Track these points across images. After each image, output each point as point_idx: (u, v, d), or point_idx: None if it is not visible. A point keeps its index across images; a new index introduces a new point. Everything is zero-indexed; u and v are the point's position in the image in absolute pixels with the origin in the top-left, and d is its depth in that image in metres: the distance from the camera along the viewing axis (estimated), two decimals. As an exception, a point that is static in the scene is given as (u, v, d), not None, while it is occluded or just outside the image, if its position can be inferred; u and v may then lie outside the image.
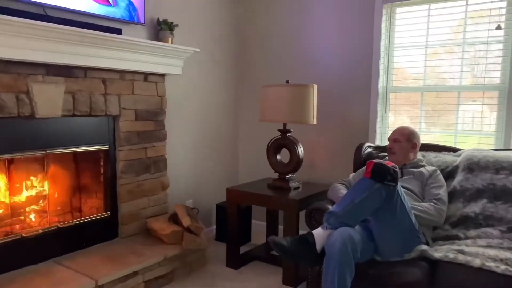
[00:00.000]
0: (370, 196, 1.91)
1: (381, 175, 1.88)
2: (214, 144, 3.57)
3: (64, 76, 2.35)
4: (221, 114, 3.63)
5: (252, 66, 3.73)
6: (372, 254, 2.05)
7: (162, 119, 2.95)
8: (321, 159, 3.39)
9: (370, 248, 2.03)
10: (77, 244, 2.53)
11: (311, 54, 3.39)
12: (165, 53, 2.77)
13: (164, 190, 3.01)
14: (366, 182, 1.94)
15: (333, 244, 1.88)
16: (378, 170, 1.89)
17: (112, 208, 2.73)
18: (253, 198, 2.84)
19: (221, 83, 3.60)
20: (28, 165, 2.42)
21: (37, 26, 2.04)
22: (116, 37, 2.42)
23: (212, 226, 3.56)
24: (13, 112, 2.13)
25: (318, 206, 2.40)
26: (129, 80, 2.71)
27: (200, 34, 3.33)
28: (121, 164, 2.71)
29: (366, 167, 1.98)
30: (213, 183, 3.57)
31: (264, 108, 2.91)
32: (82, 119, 2.51)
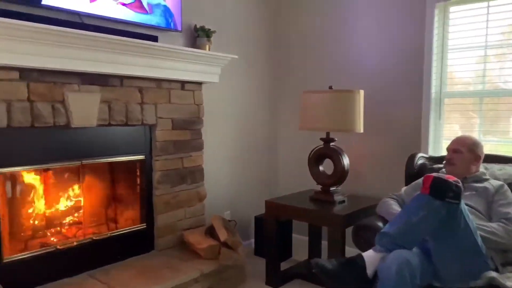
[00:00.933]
0: (428, 215, 1.70)
1: (442, 191, 1.66)
2: (252, 153, 3.44)
3: (100, 85, 2.31)
4: (260, 123, 3.51)
5: (292, 71, 3.58)
6: (431, 279, 1.82)
7: (199, 128, 2.86)
8: (369, 171, 3.16)
9: (428, 272, 1.80)
10: (112, 257, 2.46)
11: (356, 58, 3.18)
12: (203, 61, 2.68)
13: (201, 202, 2.90)
14: (424, 199, 1.72)
15: (388, 269, 1.68)
16: (438, 186, 1.67)
17: (148, 220, 2.65)
18: (293, 212, 2.67)
19: (259, 90, 3.48)
20: (64, 175, 2.39)
21: (73, 35, 2.01)
22: (153, 44, 2.36)
23: (250, 239, 3.41)
24: (48, 122, 2.10)
25: (366, 223, 2.20)
26: (165, 89, 2.64)
27: (237, 39, 3.23)
28: (157, 175, 2.63)
29: (423, 182, 1.77)
30: (251, 194, 3.43)
31: (305, 115, 2.74)
32: (118, 129, 2.46)
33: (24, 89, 2.01)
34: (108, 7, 2.27)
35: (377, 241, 1.84)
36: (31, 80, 2.03)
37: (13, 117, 1.97)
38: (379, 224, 2.17)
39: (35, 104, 2.05)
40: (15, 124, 1.98)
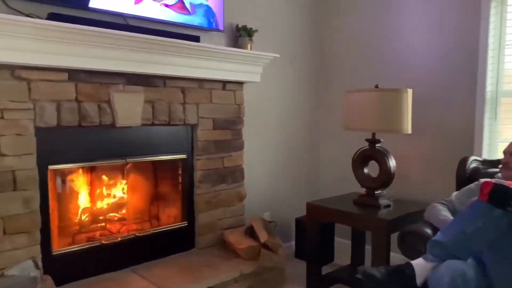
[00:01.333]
0: (487, 224, 1.59)
1: (503, 199, 1.53)
2: (293, 154, 3.39)
3: (144, 86, 2.36)
4: (301, 122, 3.44)
5: (335, 70, 3.48)
6: (486, 293, 1.69)
7: (239, 128, 2.85)
8: (416, 174, 3.01)
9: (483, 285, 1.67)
10: (154, 253, 2.51)
11: (403, 55, 3.04)
12: (244, 60, 2.67)
13: (241, 202, 2.90)
14: (482, 207, 1.61)
15: (441, 280, 1.58)
16: (498, 193, 1.54)
17: (189, 218, 2.68)
18: (336, 215, 2.59)
19: (301, 89, 3.42)
20: (109, 173, 2.47)
21: (118, 36, 2.06)
22: (195, 45, 2.37)
23: (291, 241, 3.35)
24: (95, 121, 2.17)
25: (413, 229, 2.09)
26: (207, 89, 2.65)
27: (279, 38, 3.19)
28: (199, 174, 2.65)
29: (480, 188, 1.64)
30: (292, 195, 3.37)
31: (349, 115, 2.65)
32: (161, 128, 2.50)
33: (73, 89, 2.09)
34: (152, 9, 2.31)
35: (428, 250, 1.74)
36: (79, 81, 2.11)
37: (62, 116, 2.06)
38: (427, 231, 2.05)
39: (83, 104, 2.13)
40: (64, 124, 2.06)
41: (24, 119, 1.94)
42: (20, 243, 1.94)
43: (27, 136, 1.95)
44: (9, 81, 1.89)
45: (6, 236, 1.90)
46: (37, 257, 1.90)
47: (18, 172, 1.93)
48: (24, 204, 1.95)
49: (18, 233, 1.93)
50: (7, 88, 1.89)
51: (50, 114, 2.02)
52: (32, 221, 1.97)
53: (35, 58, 1.88)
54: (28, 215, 1.96)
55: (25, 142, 1.94)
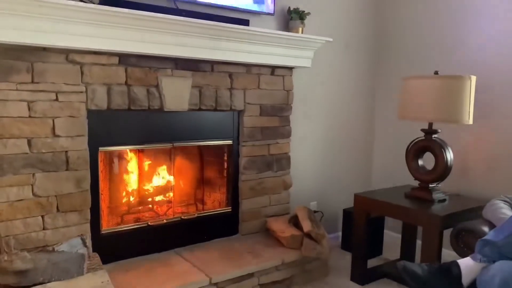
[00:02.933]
0: None
1: None
2: (344, 142, 3.27)
3: (192, 70, 2.35)
4: (354, 110, 3.31)
5: (392, 55, 3.29)
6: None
7: (287, 115, 2.78)
8: (477, 168, 2.78)
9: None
10: (198, 236, 2.54)
11: (466, 39, 2.80)
12: (295, 44, 2.58)
13: (286, 190, 2.85)
14: None
15: (491, 281, 1.48)
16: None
17: (234, 204, 2.68)
18: (385, 208, 2.47)
19: (354, 75, 3.27)
20: (156, 156, 2.52)
21: (168, 20, 2.05)
22: (244, 28, 2.32)
23: (337, 232, 3.27)
24: (143, 105, 2.21)
25: (469, 226, 1.94)
26: (255, 74, 2.61)
27: (332, 21, 3.05)
28: (244, 160, 2.63)
29: None
30: (341, 185, 3.27)
31: (406, 103, 2.49)
32: (208, 113, 2.50)
33: (123, 73, 2.13)
34: (201, -8, 2.29)
35: (478, 249, 1.63)
36: (128, 65, 2.15)
37: (112, 99, 2.11)
38: (484, 229, 1.90)
39: (132, 88, 2.16)
40: (114, 107, 2.12)
41: (77, 101, 2.01)
42: (72, 220, 2.03)
43: (80, 118, 2.02)
44: (63, 65, 1.96)
45: (59, 213, 2.00)
46: (86, 235, 1.98)
47: (71, 153, 2.01)
48: (76, 184, 2.03)
49: (70, 211, 2.03)
50: (62, 71, 1.96)
51: (101, 97, 2.07)
52: (83, 200, 2.06)
53: (88, 42, 1.92)
54: (80, 194, 2.05)
55: (77, 124, 2.02)
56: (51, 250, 1.72)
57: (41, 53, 1.90)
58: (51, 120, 1.95)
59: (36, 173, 1.93)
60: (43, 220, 1.96)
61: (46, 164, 1.95)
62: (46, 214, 1.97)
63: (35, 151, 1.92)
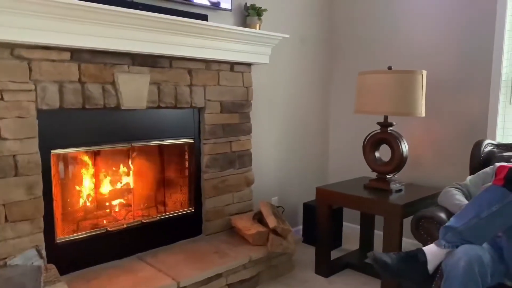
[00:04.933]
0: (503, 209, 1.55)
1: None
2: (302, 138, 3.31)
3: (150, 66, 2.25)
4: (310, 105, 3.36)
5: (345, 51, 3.38)
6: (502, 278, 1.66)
7: (247, 111, 2.76)
8: (429, 158, 2.94)
9: (500, 270, 1.65)
10: (161, 240, 2.44)
11: (416, 35, 2.94)
12: (253, 40, 2.56)
13: (248, 186, 2.83)
14: (497, 192, 1.57)
15: (456, 265, 1.55)
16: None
17: (196, 204, 2.61)
18: (347, 200, 2.53)
19: (311, 71, 3.32)
20: (114, 157, 2.38)
21: (123, 14, 1.95)
22: (203, 23, 2.27)
23: (298, 226, 3.31)
24: (99, 104, 2.08)
25: (428, 213, 2.03)
26: (215, 70, 2.56)
27: (289, 18, 3.08)
28: (206, 158, 2.57)
29: (496, 173, 1.61)
30: (300, 180, 3.31)
31: (361, 98, 2.56)
32: (167, 111, 2.41)
33: (76, 70, 1.99)
34: (158, -15, 2.20)
35: (441, 236, 1.71)
36: (82, 61, 2.01)
37: (65, 98, 1.96)
38: (441, 216, 2.00)
39: (86, 85, 2.03)
40: (67, 106, 1.97)
41: (25, 100, 1.84)
42: (23, 231, 1.86)
43: (29, 118, 1.85)
44: (8, 60, 1.79)
45: (8, 223, 1.82)
46: (40, 245, 1.83)
47: (20, 157, 1.84)
48: (27, 190, 1.86)
49: (21, 220, 1.85)
50: (7, 67, 1.78)
51: (52, 96, 1.92)
52: (35, 208, 1.89)
53: (36, 36, 1.76)
54: (31, 202, 1.88)
55: (26, 125, 1.85)
56: (3, 264, 1.56)
57: (-18, 48, 1.72)
58: (-4, 121, 1.77)
59: (-20, 181, 1.74)
60: (-10, 232, 1.78)
61: (-8, 170, 1.77)
62: (-7, 225, 1.78)
63: (-21, 156, 1.74)
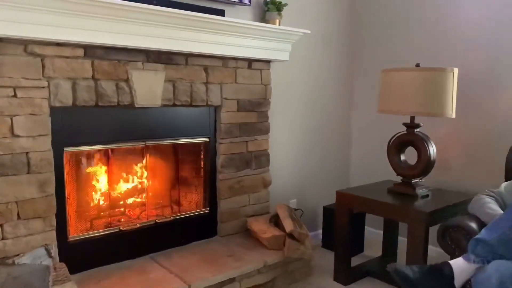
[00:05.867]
0: None
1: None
2: (323, 138, 3.19)
3: (165, 63, 2.21)
4: (332, 104, 3.23)
5: (370, 47, 3.24)
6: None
7: (265, 110, 2.68)
8: (459, 162, 2.76)
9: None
10: (174, 240, 2.40)
11: (448, 31, 2.77)
12: (272, 37, 2.48)
13: (265, 188, 2.74)
14: None
15: (487, 281, 1.43)
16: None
17: (211, 205, 2.55)
18: (369, 205, 2.40)
19: (331, 68, 3.19)
20: (128, 156, 2.35)
21: (138, 9, 1.90)
22: (220, 19, 2.20)
23: (317, 230, 3.19)
24: (113, 101, 2.04)
25: (456, 222, 1.89)
26: (232, 68, 2.48)
27: (309, 13, 2.96)
28: (222, 158, 2.51)
29: None
30: (320, 182, 3.20)
31: (386, 97, 2.43)
32: (182, 110, 2.36)
33: (89, 67, 1.96)
34: (173, -20, 2.14)
35: (471, 249, 1.57)
36: (95, 58, 1.98)
37: (78, 95, 1.93)
38: (472, 225, 1.85)
39: (100, 82, 2.00)
40: (80, 103, 1.94)
41: (38, 97, 1.82)
42: (35, 228, 1.85)
43: (42, 116, 1.84)
44: (21, 57, 1.77)
45: (21, 221, 1.81)
46: (51, 245, 1.81)
47: (32, 154, 1.82)
48: (39, 188, 1.85)
49: (33, 218, 1.84)
50: (20, 64, 1.77)
51: (65, 93, 1.89)
52: (48, 206, 1.88)
53: (49, 32, 1.74)
54: (43, 199, 1.86)
55: (39, 123, 1.83)
56: (11, 263, 1.55)
57: (-4, 44, 1.71)
58: (9, 118, 1.76)
59: (-8, 178, 1.74)
60: (2, 229, 1.77)
61: (4, 167, 1.75)
62: (5, 222, 1.77)
63: (-9, 153, 1.73)
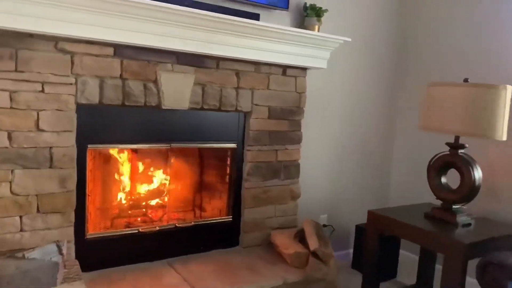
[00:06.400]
0: None
1: None
2: (360, 152, 3.03)
3: (195, 66, 2.17)
4: (373, 118, 3.06)
5: (415, 58, 3.03)
6: None
7: (298, 119, 2.56)
8: (509, 189, 2.49)
9: None
10: (194, 246, 2.34)
11: (503, 45, 2.51)
12: (310, 43, 2.37)
13: (293, 200, 2.62)
14: None
15: None
16: None
17: (235, 213, 2.47)
18: (401, 229, 2.21)
19: (374, 79, 3.02)
20: (152, 157, 2.34)
21: (170, 10, 1.88)
22: (254, 23, 2.12)
23: (348, 249, 3.02)
24: (139, 101, 2.03)
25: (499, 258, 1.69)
26: (265, 74, 2.40)
27: (351, 20, 2.82)
28: (248, 166, 2.42)
29: None
30: (355, 198, 3.03)
31: (429, 113, 2.23)
32: (210, 114, 2.31)
33: (118, 66, 1.96)
34: (208, -19, 2.10)
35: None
36: (125, 57, 1.97)
37: (105, 94, 1.94)
38: (518, 264, 1.63)
39: (127, 82, 1.99)
40: (106, 102, 1.95)
41: (65, 94, 1.84)
42: (53, 223, 1.87)
43: (67, 112, 1.86)
44: (52, 53, 1.80)
45: (40, 214, 1.83)
46: (62, 242, 1.80)
47: (55, 149, 1.84)
48: (60, 183, 1.87)
49: (52, 212, 1.86)
50: (49, 60, 1.80)
51: (92, 90, 1.91)
52: (67, 201, 1.89)
53: (80, 30, 1.75)
54: (63, 195, 1.88)
55: (64, 118, 1.85)
56: (21, 256, 1.55)
57: (27, 40, 1.74)
58: (35, 112, 1.79)
59: (15, 170, 1.77)
60: (21, 221, 1.80)
61: (27, 160, 1.79)
62: (24, 215, 1.80)
63: (16, 146, 1.76)
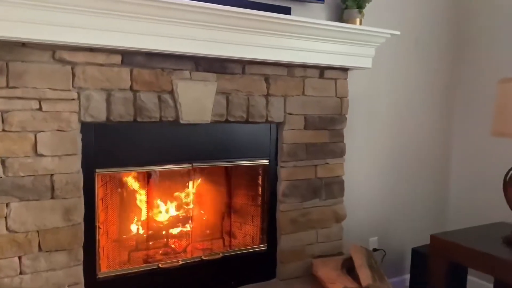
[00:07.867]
0: None
1: None
2: (413, 164, 2.68)
3: (217, 72, 1.88)
4: (426, 123, 2.71)
5: (477, 52, 2.65)
6: None
7: (340, 128, 2.22)
8: None
9: None
10: (224, 281, 2.03)
11: None
12: (352, 39, 2.05)
13: (338, 223, 2.28)
14: None
15: None
16: None
17: (270, 240, 2.15)
18: (475, 259, 1.81)
19: (427, 79, 2.68)
20: (171, 180, 2.06)
21: (185, 7, 1.60)
22: (285, 18, 1.82)
23: (403, 275, 2.65)
24: (154, 116, 1.75)
25: None
26: (299, 77, 2.09)
27: (398, 10, 2.50)
28: (283, 185, 2.10)
29: None
30: (409, 218, 2.69)
31: (503, 115, 1.85)
32: (237, 127, 2.00)
33: (127, 76, 1.69)
34: (228, -28, 1.80)
35: None
36: (135, 66, 1.70)
37: (113, 109, 1.67)
38: None
39: (139, 94, 1.72)
40: (115, 118, 1.68)
41: (66, 111, 1.59)
42: (58, 262, 1.61)
43: (70, 132, 1.60)
44: (49, 65, 1.55)
45: (42, 253, 1.58)
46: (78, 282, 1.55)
47: (58, 177, 1.59)
48: (64, 216, 1.61)
49: (56, 250, 1.60)
50: (47, 73, 1.54)
51: (98, 106, 1.64)
52: (73, 236, 1.63)
53: (81, 35, 1.50)
54: (69, 229, 1.62)
55: (66, 140, 1.59)
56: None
57: (19, 50, 1.50)
58: (32, 134, 1.54)
59: (11, 203, 1.52)
60: (20, 262, 1.55)
61: (24, 191, 1.53)
62: (24, 255, 1.55)
63: (11, 175, 1.51)
